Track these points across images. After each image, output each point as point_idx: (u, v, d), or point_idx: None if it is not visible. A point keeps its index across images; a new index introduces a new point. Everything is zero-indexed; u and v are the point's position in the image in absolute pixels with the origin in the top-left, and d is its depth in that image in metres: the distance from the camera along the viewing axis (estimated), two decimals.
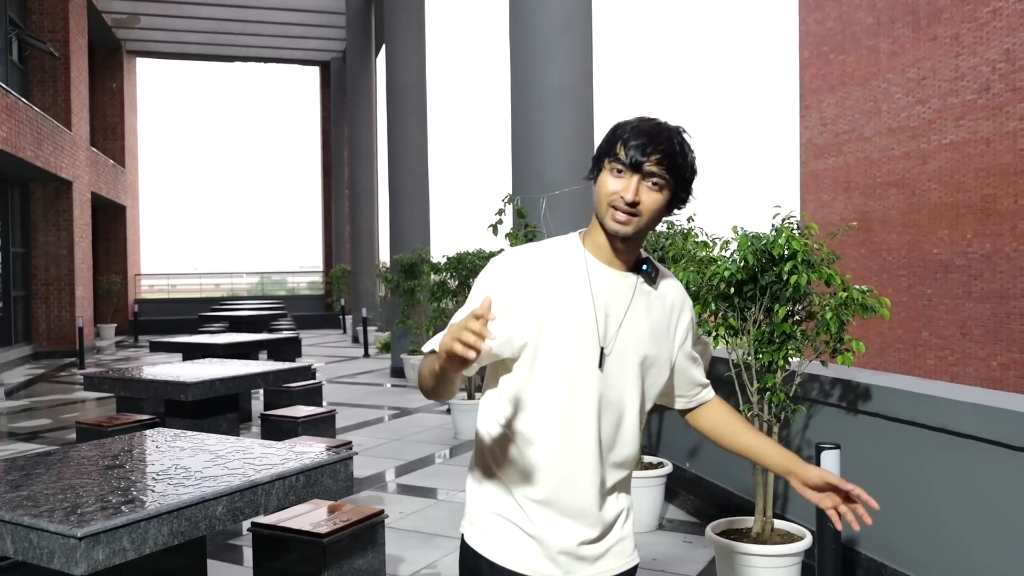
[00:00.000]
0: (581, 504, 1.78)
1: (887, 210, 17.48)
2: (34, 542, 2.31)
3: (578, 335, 1.75)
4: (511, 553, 1.79)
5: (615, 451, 1.82)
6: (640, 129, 1.72)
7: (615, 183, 1.72)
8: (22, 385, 12.36)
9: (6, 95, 12.53)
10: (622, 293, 1.80)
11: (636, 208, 1.71)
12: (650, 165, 1.69)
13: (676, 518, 5.28)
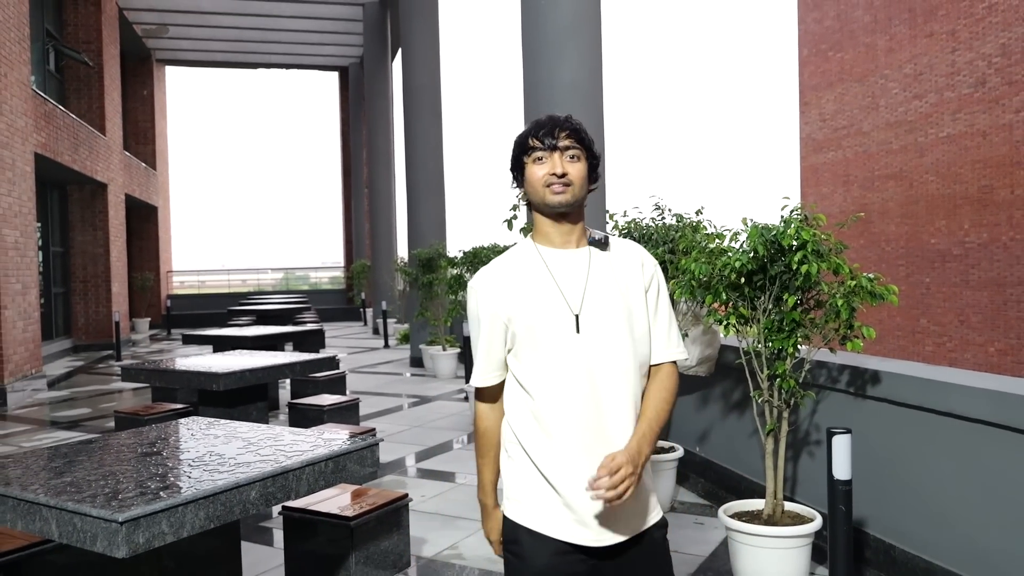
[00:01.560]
0: (597, 462, 1.80)
1: (885, 202, 17.31)
2: (78, 526, 2.29)
3: (549, 311, 1.90)
4: (545, 520, 1.87)
5: (619, 404, 1.89)
6: (541, 123, 1.95)
7: (541, 168, 1.92)
8: (63, 376, 12.43)
9: (44, 103, 12.57)
10: (578, 265, 1.94)
11: (567, 178, 1.90)
12: (562, 141, 1.91)
13: (687, 500, 5.24)
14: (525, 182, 1.97)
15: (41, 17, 15.03)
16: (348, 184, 27.37)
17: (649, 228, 5.04)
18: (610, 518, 1.85)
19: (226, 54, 24.58)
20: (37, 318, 11.44)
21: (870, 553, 3.96)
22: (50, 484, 2.57)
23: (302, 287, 30.15)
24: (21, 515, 2.46)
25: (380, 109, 19.82)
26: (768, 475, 3.81)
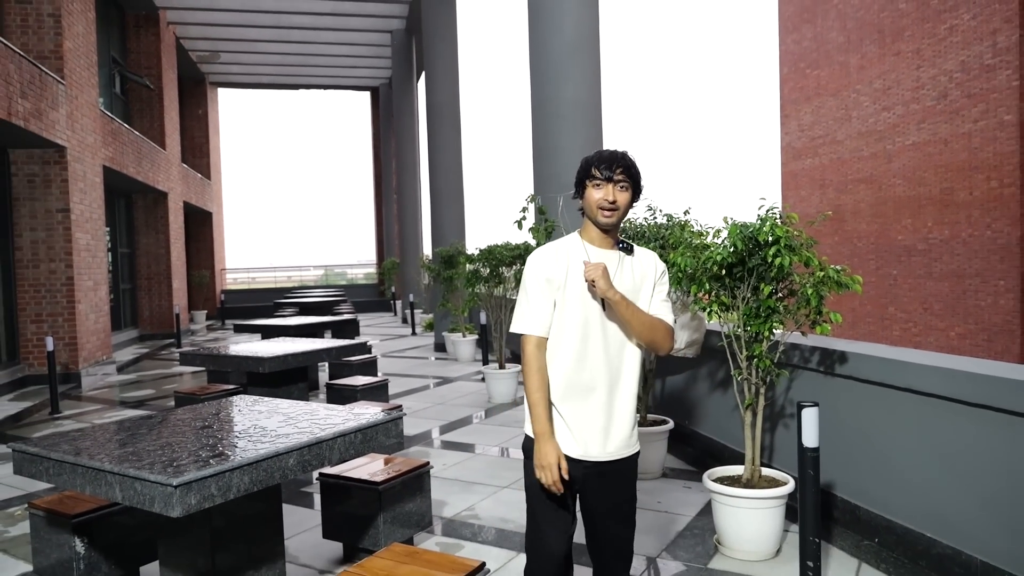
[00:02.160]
0: (596, 405, 2.32)
1: (857, 203, 17.14)
2: (138, 490, 2.33)
3: (584, 292, 2.32)
4: (559, 439, 2.33)
5: (624, 369, 2.36)
6: (604, 156, 2.33)
7: (598, 192, 2.30)
8: (130, 362, 12.56)
9: (111, 121, 12.68)
10: (611, 263, 2.35)
11: (615, 205, 2.30)
12: (617, 175, 2.28)
13: (677, 467, 5.24)
14: (584, 198, 2.35)
15: (107, 45, 15.14)
16: (379, 191, 27.42)
17: (642, 227, 5.03)
18: (596, 446, 2.33)
19: (271, 76, 24.66)
20: (107, 311, 11.57)
21: (838, 513, 3.95)
22: (115, 454, 2.61)
23: (340, 282, 30.26)
24: (89, 481, 2.50)
25: (407, 124, 19.84)
26: (747, 444, 3.81)
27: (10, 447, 2.85)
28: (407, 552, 2.64)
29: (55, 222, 9.98)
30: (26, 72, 8.78)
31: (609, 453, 2.34)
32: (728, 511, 3.65)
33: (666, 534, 3.98)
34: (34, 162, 9.91)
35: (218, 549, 2.74)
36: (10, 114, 8.24)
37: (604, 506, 2.39)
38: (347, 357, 7.17)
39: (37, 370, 9.72)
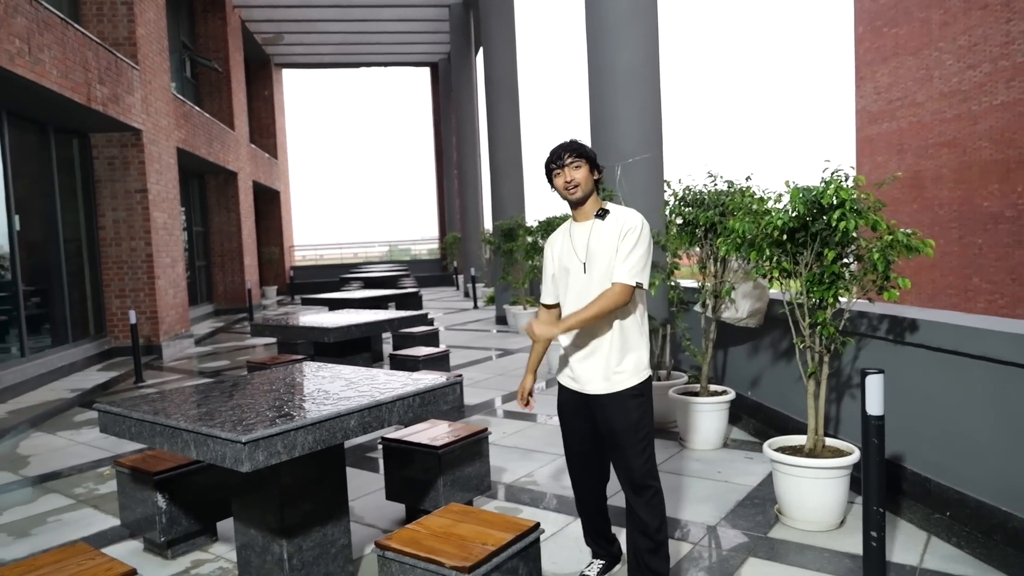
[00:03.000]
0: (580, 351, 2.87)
1: (939, 168, 16.31)
2: (211, 447, 2.48)
3: (568, 259, 2.88)
4: (563, 376, 2.97)
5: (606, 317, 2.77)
6: (553, 151, 2.85)
7: (559, 179, 2.82)
8: (207, 335, 13.15)
9: (183, 104, 13.15)
10: (584, 232, 2.85)
11: (573, 182, 2.79)
12: (567, 159, 2.79)
13: (739, 438, 5.18)
14: (554, 187, 2.87)
15: (177, 30, 15.66)
16: (440, 166, 27.65)
17: (701, 194, 4.95)
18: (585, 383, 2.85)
19: (333, 56, 25.05)
20: (184, 287, 12.12)
21: (907, 486, 3.85)
22: (190, 414, 2.77)
23: (403, 258, 30.75)
24: (167, 439, 2.67)
25: (466, 99, 19.89)
26: (809, 413, 3.74)
27: (95, 408, 3.06)
28: (463, 511, 2.72)
29: (134, 202, 10.48)
30: (103, 59, 9.19)
31: (592, 389, 2.84)
32: (789, 481, 3.61)
33: (725, 503, 3.97)
34: (113, 145, 10.41)
35: (286, 506, 2.89)
36: (90, 99, 8.66)
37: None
38: (408, 328, 7.33)
39: (122, 342, 10.30)
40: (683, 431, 5.04)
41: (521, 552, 2.48)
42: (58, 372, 8.68)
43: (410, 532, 2.54)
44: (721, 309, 5.06)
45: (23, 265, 8.57)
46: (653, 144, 5.83)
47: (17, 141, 8.58)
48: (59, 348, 9.13)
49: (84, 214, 10.20)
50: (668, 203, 5.27)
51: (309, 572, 2.96)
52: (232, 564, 3.43)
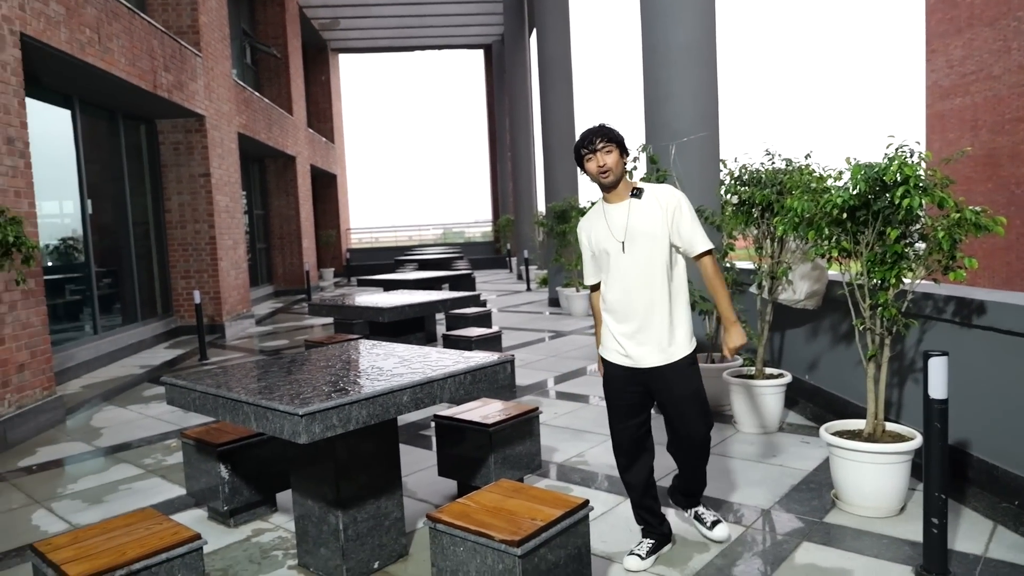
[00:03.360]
0: (629, 327, 2.96)
1: (1016, 145, 15.50)
2: (269, 419, 2.56)
3: (606, 244, 2.97)
4: (614, 355, 3.03)
5: (643, 294, 2.92)
6: (583, 136, 2.92)
7: (591, 163, 2.91)
8: (267, 315, 13.54)
9: (243, 90, 13.47)
10: (622, 212, 2.95)
11: (605, 167, 2.88)
12: (598, 144, 2.87)
13: (795, 422, 5.08)
14: (586, 171, 2.96)
15: (237, 18, 16.00)
16: (494, 149, 27.67)
17: (758, 172, 4.83)
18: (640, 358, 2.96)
19: (388, 40, 25.26)
20: (245, 268, 12.48)
21: (972, 473, 3.72)
22: (250, 388, 2.87)
23: (457, 240, 30.97)
24: (229, 411, 2.77)
25: (520, 80, 19.81)
26: (869, 397, 3.64)
27: (162, 381, 3.19)
28: (514, 487, 2.75)
29: (198, 186, 10.82)
30: (168, 47, 9.48)
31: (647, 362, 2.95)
32: (847, 465, 3.53)
33: (779, 487, 3.90)
34: (178, 131, 10.74)
35: (342, 479, 2.97)
36: (155, 87, 8.95)
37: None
38: (460, 308, 7.39)
39: (187, 322, 10.70)
40: (737, 414, 4.97)
41: (570, 528, 2.49)
42: (128, 349, 9.07)
43: (461, 506, 2.58)
44: (778, 291, 4.95)
45: (95, 248, 8.96)
46: (709, 123, 5.71)
47: (89, 128, 8.94)
48: (129, 326, 9.54)
49: (151, 198, 10.58)
50: (723, 183, 5.17)
51: (363, 543, 3.04)
52: (290, 533, 3.55)
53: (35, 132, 6.84)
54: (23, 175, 5.99)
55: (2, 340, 5.61)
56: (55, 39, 6.64)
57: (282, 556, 3.32)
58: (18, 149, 5.95)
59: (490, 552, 2.34)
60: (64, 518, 3.96)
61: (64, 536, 2.48)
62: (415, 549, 3.30)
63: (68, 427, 5.99)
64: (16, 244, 4.92)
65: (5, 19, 5.87)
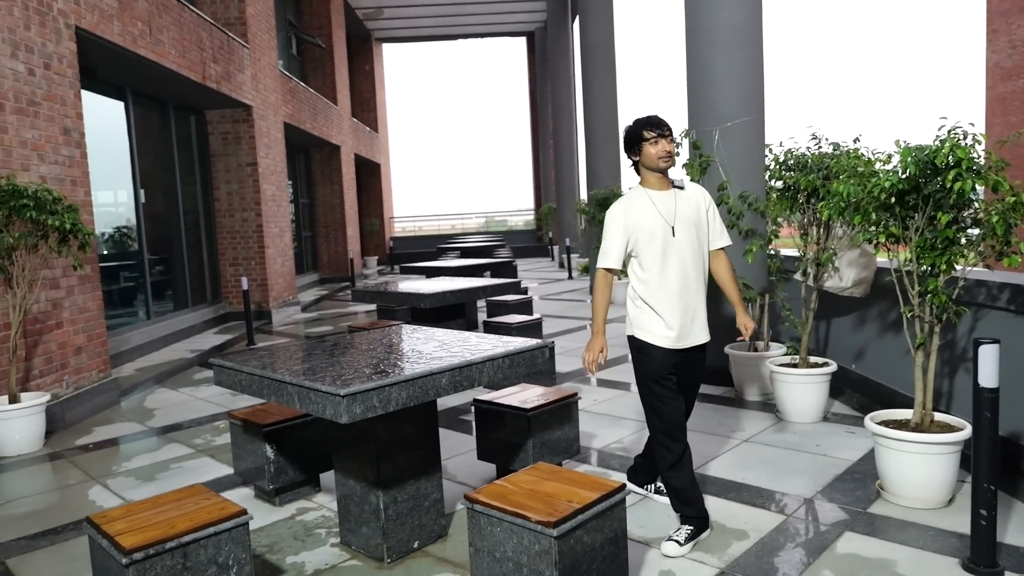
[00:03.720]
0: (682, 308, 3.14)
1: None
2: (312, 399, 2.62)
3: (657, 228, 3.13)
4: (660, 338, 3.16)
5: (694, 277, 3.17)
6: (652, 120, 3.16)
7: (655, 147, 3.13)
8: (312, 302, 13.80)
9: (289, 81, 13.69)
10: (669, 200, 3.18)
11: (671, 154, 3.14)
12: (666, 132, 3.14)
13: (840, 412, 4.99)
14: (642, 153, 3.16)
15: (283, 9, 16.24)
16: (536, 137, 27.60)
17: (804, 156, 4.73)
18: (685, 339, 3.16)
19: (431, 28, 25.34)
20: (291, 256, 12.72)
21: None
22: (294, 369, 2.94)
23: (499, 229, 31.04)
24: (274, 392, 2.85)
25: (562, 67, 19.70)
26: (917, 386, 3.55)
27: (211, 362, 3.30)
28: (551, 470, 2.77)
29: (245, 175, 11.06)
30: (216, 39, 9.68)
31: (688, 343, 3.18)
32: (893, 455, 3.45)
33: (822, 477, 3.84)
34: (226, 121, 10.99)
35: (382, 460, 3.03)
36: (204, 78, 9.16)
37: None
38: (501, 295, 7.42)
39: (235, 307, 10.97)
40: (780, 403, 4.90)
41: (606, 511, 2.50)
42: (179, 334, 9.35)
43: (498, 487, 2.61)
44: (824, 278, 4.85)
45: (148, 236, 9.24)
46: (754, 106, 5.60)
47: (141, 119, 9.21)
48: (180, 312, 9.83)
49: (201, 187, 10.85)
50: (768, 168, 5.08)
51: (403, 523, 3.10)
52: (333, 512, 3.63)
53: (90, 123, 7.08)
54: (79, 165, 6.21)
55: (60, 324, 5.85)
56: (108, 32, 6.85)
57: (325, 534, 3.40)
58: (74, 139, 6.17)
59: (526, 533, 2.37)
60: (118, 494, 4.12)
61: (118, 509, 2.59)
62: (454, 530, 3.35)
63: (123, 408, 6.22)
64: (73, 231, 5.11)
65: (61, 13, 6.08)
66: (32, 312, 5.50)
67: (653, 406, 3.18)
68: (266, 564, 3.13)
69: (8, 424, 4.86)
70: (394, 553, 3.08)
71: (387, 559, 3.06)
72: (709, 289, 3.30)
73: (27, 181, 5.31)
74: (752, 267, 5.60)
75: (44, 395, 5.15)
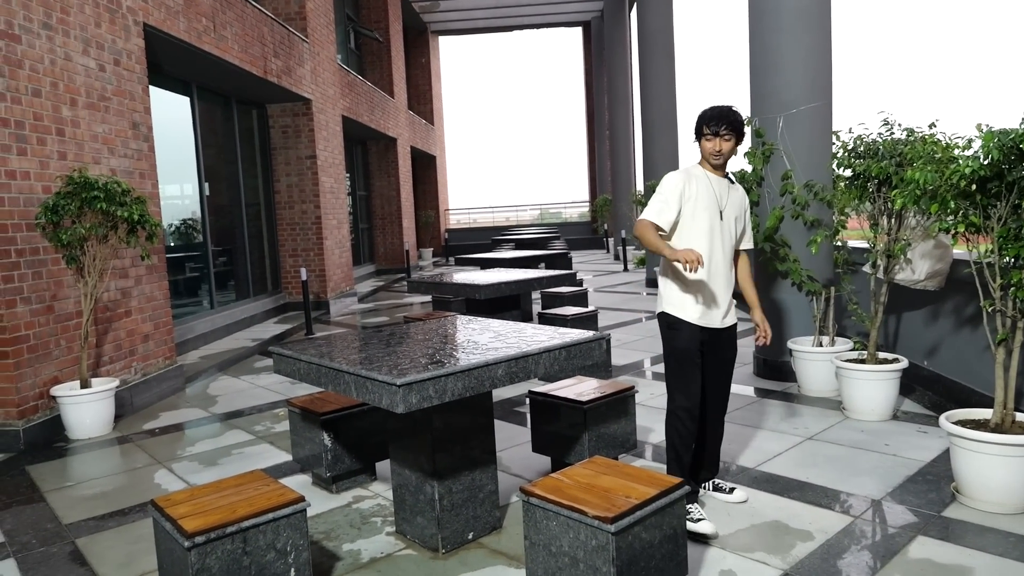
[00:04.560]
0: (715, 287, 3.24)
1: None
2: (369, 388, 2.63)
3: (710, 205, 3.19)
4: (692, 314, 3.22)
5: (727, 260, 3.27)
6: (712, 115, 3.17)
7: (709, 144, 3.19)
8: (368, 293, 14.00)
9: (347, 74, 13.87)
10: (724, 187, 3.26)
11: (721, 153, 3.18)
12: (723, 131, 3.14)
13: (911, 411, 4.78)
14: (700, 145, 3.23)
15: (342, 3, 16.46)
16: (591, 128, 27.35)
17: (875, 143, 4.53)
18: (716, 317, 3.25)
19: (487, 20, 25.33)
20: (349, 247, 12.93)
21: None
22: (351, 358, 2.96)
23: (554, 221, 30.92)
24: (331, 380, 2.87)
25: (619, 56, 19.45)
26: (998, 384, 3.36)
27: (270, 350, 3.35)
28: (608, 464, 2.72)
29: (305, 167, 11.27)
30: (277, 33, 9.87)
31: (721, 322, 3.27)
32: (970, 457, 3.28)
33: (892, 478, 3.68)
34: (286, 115, 11.21)
35: (438, 450, 3.02)
36: (266, 72, 9.35)
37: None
38: (556, 287, 7.37)
39: (294, 298, 11.21)
40: (847, 400, 4.72)
41: (666, 508, 2.44)
42: (241, 323, 9.60)
43: (554, 481, 2.58)
44: (895, 270, 4.65)
45: (212, 227, 9.51)
46: (822, 92, 5.40)
47: (206, 113, 9.46)
48: (242, 302, 10.09)
49: (262, 179, 11.11)
50: (836, 156, 4.88)
51: (458, 513, 3.09)
52: (388, 501, 3.66)
53: (157, 118, 7.30)
54: (147, 158, 6.41)
55: (129, 312, 6.06)
56: (174, 28, 7.04)
57: (380, 523, 3.43)
58: (142, 133, 6.37)
59: (583, 528, 2.33)
60: (182, 478, 4.25)
61: (181, 493, 2.65)
62: (508, 522, 3.33)
63: (187, 394, 6.42)
64: (141, 222, 5.28)
65: (130, 10, 6.27)
66: (102, 300, 5.72)
67: (679, 383, 3.24)
68: (323, 550, 3.17)
69: (79, 408, 5.06)
70: (449, 544, 3.08)
71: (442, 549, 3.07)
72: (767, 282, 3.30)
73: (98, 174, 5.50)
74: (817, 259, 5.40)
75: (113, 381, 5.35)
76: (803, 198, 5.32)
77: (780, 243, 5.45)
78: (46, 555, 3.28)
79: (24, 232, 4.91)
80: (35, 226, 4.98)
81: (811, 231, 5.36)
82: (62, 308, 5.23)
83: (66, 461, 4.66)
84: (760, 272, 5.62)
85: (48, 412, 5.07)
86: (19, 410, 4.82)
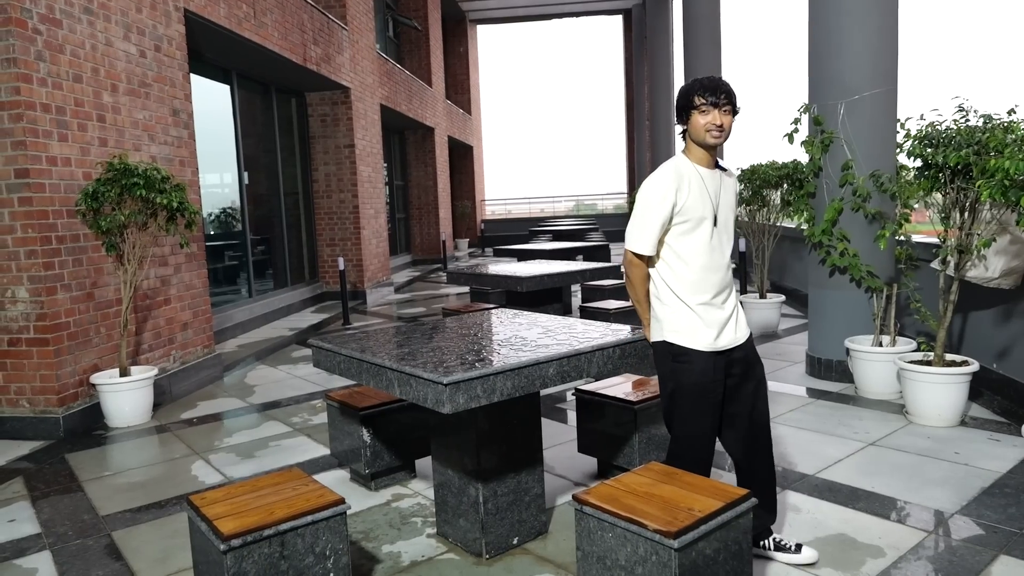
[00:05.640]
0: (722, 299, 2.69)
1: None
2: (413, 386, 2.49)
3: (703, 207, 2.62)
4: (704, 339, 2.63)
5: (729, 264, 2.71)
6: (707, 84, 2.57)
7: (704, 118, 2.57)
8: (405, 283, 13.95)
9: (385, 63, 13.79)
10: (716, 181, 2.69)
11: (722, 127, 2.57)
12: (722, 101, 2.56)
13: (980, 416, 4.50)
14: (690, 123, 2.61)
15: None
16: (631, 118, 26.94)
17: (949, 131, 4.25)
18: (727, 336, 2.67)
19: (526, 8, 25.06)
20: (386, 237, 12.87)
21: None
22: (393, 353, 2.82)
23: (589, 212, 30.61)
24: (372, 376, 2.74)
25: (661, 43, 19.04)
26: None
27: (309, 344, 3.24)
28: (666, 472, 2.54)
29: (343, 156, 11.21)
30: (316, 21, 9.80)
31: (733, 340, 2.70)
32: None
33: (966, 489, 3.44)
34: (325, 103, 11.16)
35: (482, 450, 2.88)
36: (305, 60, 9.28)
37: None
38: (598, 280, 7.18)
39: (331, 287, 11.19)
40: (911, 404, 4.46)
41: (731, 522, 2.26)
42: (278, 312, 9.60)
43: (609, 488, 2.41)
44: (967, 267, 4.36)
45: (251, 216, 9.50)
46: (887, 77, 5.10)
47: (245, 101, 9.44)
48: (280, 291, 10.09)
49: (300, 168, 11.09)
50: (901, 145, 4.61)
51: (503, 517, 2.95)
52: (429, 501, 3.53)
53: (198, 105, 7.27)
54: (187, 145, 6.37)
55: (168, 300, 6.03)
56: (215, 14, 6.99)
57: (421, 523, 3.30)
58: (182, 120, 6.33)
59: (642, 541, 2.16)
60: (219, 470, 4.18)
61: (217, 491, 2.55)
62: (555, 527, 3.18)
63: (225, 383, 6.39)
64: (180, 209, 5.23)
65: None
66: (142, 288, 5.69)
67: (687, 427, 2.66)
68: (362, 551, 3.05)
69: (118, 396, 5.03)
70: (492, 548, 2.94)
71: (485, 554, 2.93)
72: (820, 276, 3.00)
73: (138, 160, 5.47)
74: (879, 254, 5.13)
75: (152, 369, 5.32)
76: (865, 190, 5.05)
77: (839, 236, 5.18)
78: (82, 548, 3.23)
79: (64, 219, 4.89)
80: (75, 212, 4.95)
81: (872, 224, 5.09)
82: (102, 295, 5.21)
83: (105, 450, 4.63)
84: (814, 266, 5.36)
85: (88, 400, 5.06)
86: (59, 397, 4.81)
